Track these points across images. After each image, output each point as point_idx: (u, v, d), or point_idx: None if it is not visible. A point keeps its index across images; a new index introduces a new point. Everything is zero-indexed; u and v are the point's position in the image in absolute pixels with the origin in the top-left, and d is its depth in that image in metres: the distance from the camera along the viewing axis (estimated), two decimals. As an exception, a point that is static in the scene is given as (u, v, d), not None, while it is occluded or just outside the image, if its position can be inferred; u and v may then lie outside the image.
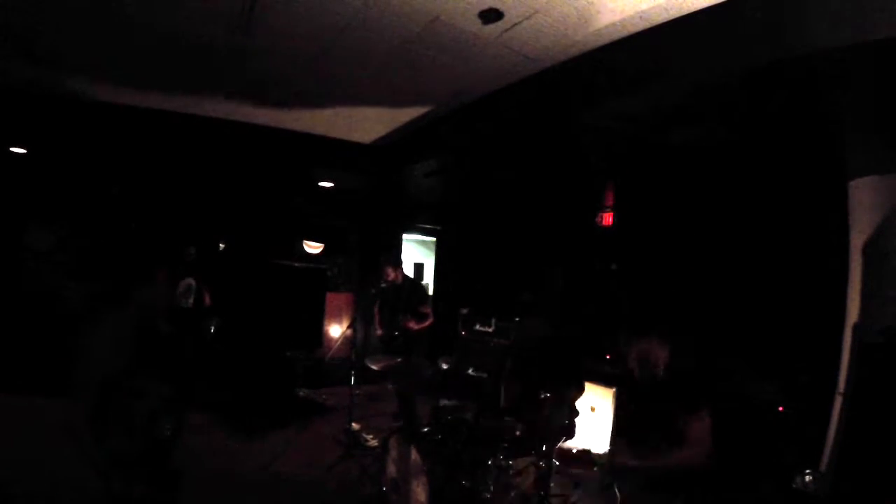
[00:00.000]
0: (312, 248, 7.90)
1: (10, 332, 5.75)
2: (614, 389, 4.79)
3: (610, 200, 5.89)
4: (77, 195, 6.40)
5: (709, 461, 2.07)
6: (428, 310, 5.36)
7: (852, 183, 3.56)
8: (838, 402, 3.39)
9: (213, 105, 4.81)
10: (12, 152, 5.68)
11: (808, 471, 3.03)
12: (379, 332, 5.60)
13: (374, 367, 4.46)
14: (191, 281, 5.49)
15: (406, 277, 5.53)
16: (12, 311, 5.86)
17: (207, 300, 5.58)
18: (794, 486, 2.98)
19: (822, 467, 3.28)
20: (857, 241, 3.47)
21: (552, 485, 3.87)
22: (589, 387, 4.94)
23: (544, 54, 3.40)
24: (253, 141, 5.28)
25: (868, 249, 3.35)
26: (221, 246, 7.01)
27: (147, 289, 2.54)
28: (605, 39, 3.14)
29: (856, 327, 3.37)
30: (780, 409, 3.40)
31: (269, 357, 6.25)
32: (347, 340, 5.76)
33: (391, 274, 5.41)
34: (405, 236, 9.64)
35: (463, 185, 6.75)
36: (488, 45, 3.31)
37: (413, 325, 5.28)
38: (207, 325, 5.65)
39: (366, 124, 5.20)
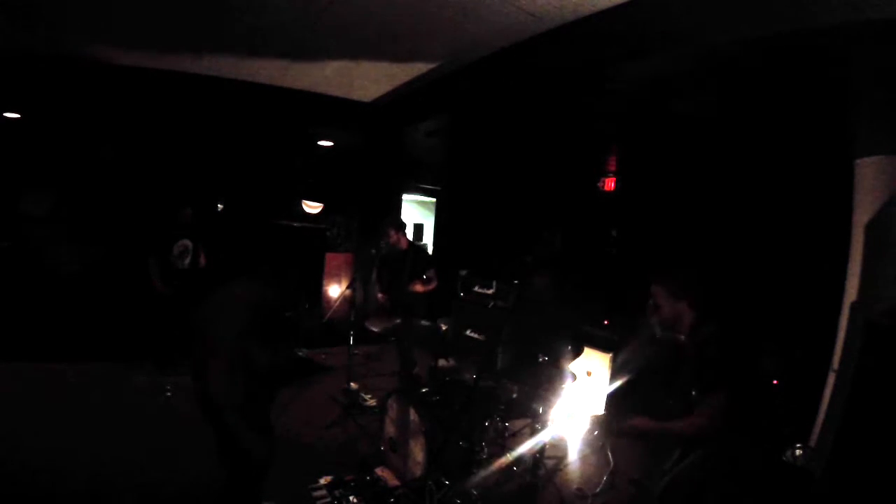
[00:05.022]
0: (311, 207, 7.84)
1: (9, 297, 5.78)
2: (611, 354, 4.85)
3: (613, 166, 5.82)
4: (73, 159, 6.31)
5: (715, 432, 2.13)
6: (432, 274, 5.35)
7: (858, 161, 3.50)
8: (831, 379, 3.43)
9: (211, 63, 4.67)
10: (6, 117, 5.56)
11: (798, 444, 3.10)
12: (380, 296, 5.60)
13: (375, 330, 4.49)
14: (187, 242, 5.46)
15: (410, 243, 5.50)
16: (11, 277, 5.88)
17: (203, 261, 5.57)
18: (784, 458, 3.06)
19: (812, 442, 3.36)
20: (860, 219, 3.43)
21: (547, 446, 3.97)
22: (586, 351, 5.01)
23: (552, 13, 3.28)
24: (251, 99, 5.15)
25: (870, 229, 3.32)
26: (219, 206, 6.95)
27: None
28: (615, 1, 3.02)
29: (853, 305, 3.37)
30: (775, 382, 3.45)
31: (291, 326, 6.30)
32: (346, 300, 5.78)
33: (393, 236, 5.36)
34: (405, 196, 9.57)
35: (464, 146, 6.65)
36: (495, 3, 3.19)
37: (420, 288, 5.28)
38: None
39: (366, 82, 5.07)
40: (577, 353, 4.42)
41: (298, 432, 4.33)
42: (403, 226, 5.46)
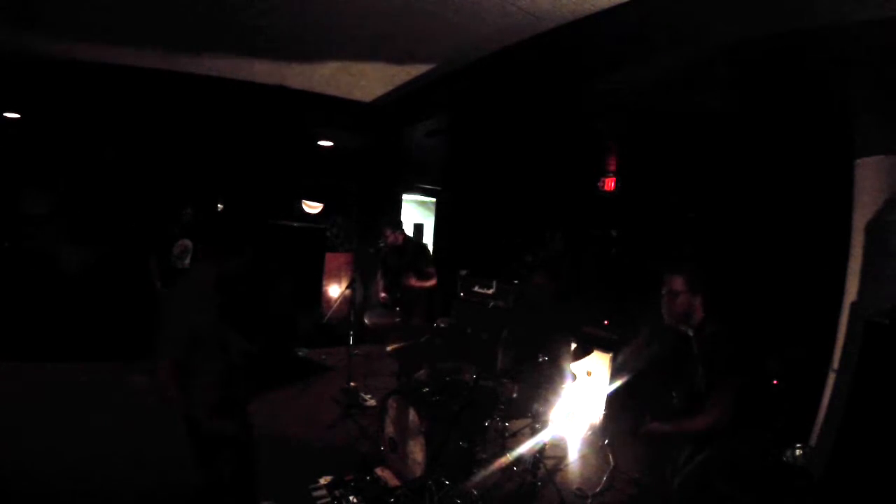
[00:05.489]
0: (311, 207, 7.84)
1: (10, 296, 5.77)
2: (611, 354, 4.85)
3: (612, 166, 5.82)
4: (73, 159, 6.31)
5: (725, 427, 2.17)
6: (432, 270, 5.34)
7: (858, 161, 3.50)
8: (831, 379, 3.44)
9: (211, 63, 4.67)
10: (6, 117, 5.56)
11: (798, 445, 3.11)
12: (383, 295, 5.60)
13: (367, 322, 4.47)
14: (187, 242, 5.45)
15: (409, 239, 5.49)
16: (12, 275, 5.88)
17: None
18: (784, 459, 3.07)
19: (812, 442, 3.36)
20: (860, 219, 3.43)
21: (547, 446, 3.97)
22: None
23: (552, 14, 3.28)
24: (251, 99, 5.15)
25: (870, 229, 3.32)
26: (219, 206, 6.94)
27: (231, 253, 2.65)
28: (614, 2, 3.02)
29: (854, 305, 3.38)
30: (775, 382, 3.45)
31: (268, 317, 6.29)
32: (346, 300, 5.79)
33: (391, 236, 5.36)
34: (405, 196, 9.57)
35: (464, 146, 6.65)
36: (495, 4, 3.19)
37: (414, 283, 5.26)
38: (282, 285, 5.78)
39: (367, 83, 5.07)
40: (585, 352, 4.42)
41: (298, 432, 4.33)
42: (400, 224, 5.46)
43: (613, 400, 4.47)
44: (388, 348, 4.23)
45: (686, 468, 2.38)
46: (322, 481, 3.44)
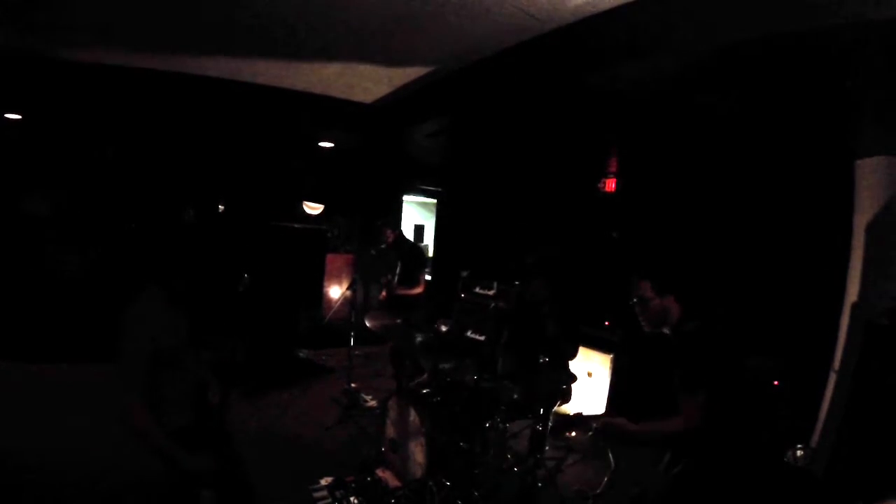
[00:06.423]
0: (312, 208, 7.84)
1: (10, 296, 5.77)
2: (612, 355, 4.86)
3: (613, 167, 5.82)
4: (74, 160, 6.32)
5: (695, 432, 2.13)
6: (420, 277, 5.35)
7: (859, 162, 3.51)
8: (832, 379, 3.44)
9: (211, 64, 4.67)
10: (7, 118, 5.56)
11: (799, 445, 3.10)
12: (383, 294, 5.63)
13: (369, 324, 4.48)
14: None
15: (405, 241, 5.51)
16: (13, 278, 5.88)
17: None
18: (785, 459, 3.06)
19: (813, 442, 3.36)
20: (861, 220, 3.44)
21: (547, 448, 3.97)
22: (587, 352, 5.01)
23: (553, 15, 3.27)
24: (252, 100, 5.15)
25: (870, 229, 3.33)
26: (221, 207, 6.95)
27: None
28: (616, 3, 3.02)
29: (854, 306, 3.38)
30: (776, 383, 3.45)
31: (269, 318, 6.29)
32: (347, 301, 5.79)
33: (390, 236, 5.38)
34: (406, 197, 9.58)
35: (465, 147, 6.65)
36: (495, 4, 3.19)
37: (400, 291, 5.27)
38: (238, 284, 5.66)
39: (367, 84, 5.07)
40: (572, 354, 4.43)
41: (299, 433, 4.34)
42: (398, 225, 5.50)
43: (612, 401, 4.48)
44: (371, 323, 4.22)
45: (668, 472, 2.33)
46: (323, 482, 3.45)
